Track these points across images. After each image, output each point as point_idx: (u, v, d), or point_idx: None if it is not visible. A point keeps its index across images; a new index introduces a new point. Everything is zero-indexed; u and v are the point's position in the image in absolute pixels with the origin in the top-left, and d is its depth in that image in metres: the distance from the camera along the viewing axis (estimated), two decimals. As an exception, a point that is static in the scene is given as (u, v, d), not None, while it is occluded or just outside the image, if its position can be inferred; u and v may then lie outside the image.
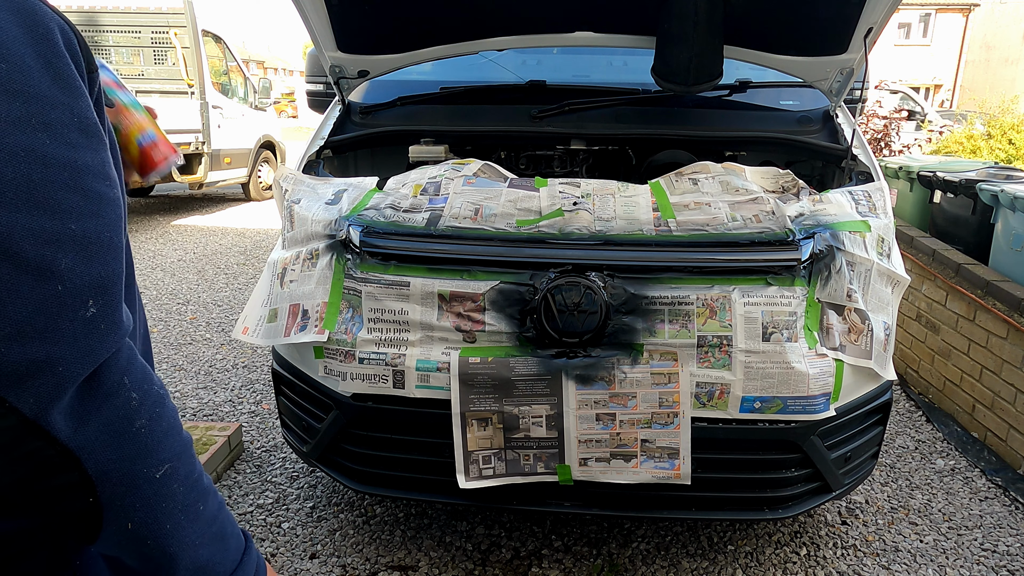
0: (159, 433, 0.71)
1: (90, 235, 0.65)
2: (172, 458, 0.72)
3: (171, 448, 0.72)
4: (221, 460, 2.75)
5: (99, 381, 0.67)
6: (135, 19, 8.52)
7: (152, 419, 0.71)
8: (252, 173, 9.78)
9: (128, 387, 0.69)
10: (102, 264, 0.66)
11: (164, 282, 5.56)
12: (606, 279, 1.79)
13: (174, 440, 0.73)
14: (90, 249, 0.65)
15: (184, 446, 0.74)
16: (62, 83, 0.66)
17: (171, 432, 0.73)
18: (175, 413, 0.75)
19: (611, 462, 1.82)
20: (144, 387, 0.71)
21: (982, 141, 8.88)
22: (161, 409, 0.72)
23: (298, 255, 2.00)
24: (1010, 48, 26.31)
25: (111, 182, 0.70)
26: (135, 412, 0.69)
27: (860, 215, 1.96)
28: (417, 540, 2.36)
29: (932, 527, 2.51)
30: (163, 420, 0.72)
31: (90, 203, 0.66)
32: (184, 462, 0.74)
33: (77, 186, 0.65)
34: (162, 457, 0.71)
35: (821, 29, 2.49)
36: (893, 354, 1.97)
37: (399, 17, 2.56)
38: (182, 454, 0.74)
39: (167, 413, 0.73)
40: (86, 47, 0.72)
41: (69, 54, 0.68)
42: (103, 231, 0.67)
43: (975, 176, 3.91)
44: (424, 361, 1.81)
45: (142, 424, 0.69)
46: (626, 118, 2.74)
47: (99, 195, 0.67)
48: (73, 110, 0.66)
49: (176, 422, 0.75)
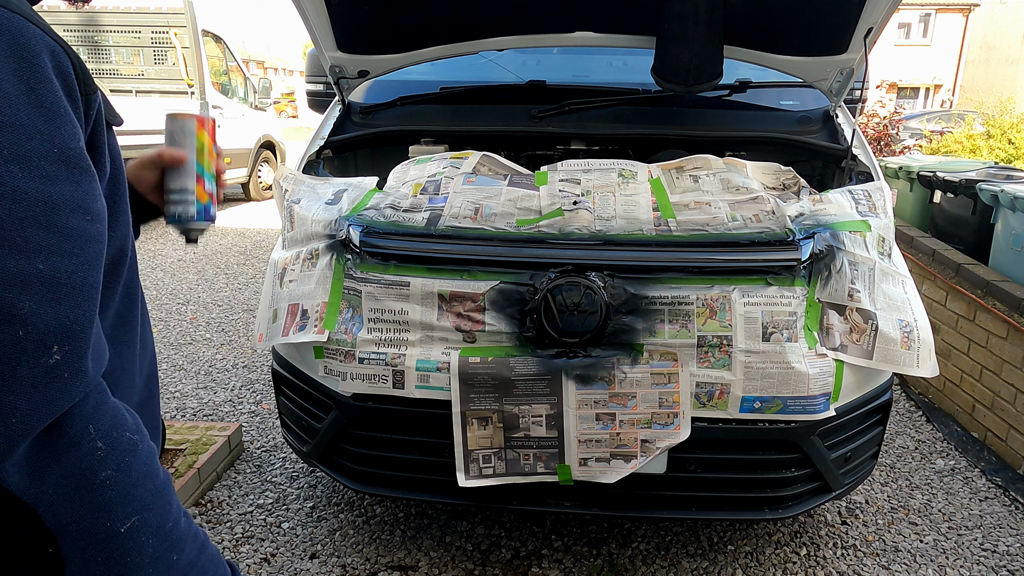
0: (126, 484, 0.66)
1: (60, 276, 0.60)
2: (141, 509, 0.67)
3: (140, 499, 0.67)
4: (221, 460, 2.75)
5: (60, 431, 0.62)
6: (135, 19, 8.52)
7: (120, 469, 0.66)
8: (252, 173, 9.78)
9: (93, 436, 0.64)
10: (72, 307, 0.61)
11: (164, 282, 5.56)
12: (606, 279, 1.79)
13: (144, 489, 0.68)
14: (59, 291, 0.60)
15: (157, 494, 0.69)
16: (43, 111, 0.61)
17: (141, 481, 0.68)
18: (150, 458, 0.70)
19: (611, 462, 1.82)
20: (113, 435, 0.66)
21: (982, 141, 8.88)
22: (131, 458, 0.67)
23: (298, 255, 2.00)
24: (1010, 48, 26.31)
25: (93, 216, 0.65)
26: (100, 463, 0.64)
27: (860, 215, 1.96)
28: (417, 540, 2.36)
29: (932, 527, 2.51)
30: (132, 469, 0.67)
31: (63, 241, 0.61)
32: (156, 512, 0.69)
33: (50, 223, 0.60)
34: (128, 510, 0.66)
35: (821, 29, 2.49)
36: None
37: (399, 17, 2.56)
38: (153, 504, 0.69)
39: (138, 461, 0.68)
40: (83, 69, 0.69)
41: (60, 78, 0.64)
42: (76, 271, 0.62)
43: (975, 176, 3.91)
44: (424, 361, 1.81)
45: (107, 475, 0.65)
46: (626, 118, 2.74)
47: (75, 232, 0.62)
48: (54, 140, 0.61)
49: (150, 468, 0.70)
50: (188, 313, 4.82)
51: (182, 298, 5.15)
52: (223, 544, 2.34)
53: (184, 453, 2.66)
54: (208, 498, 2.60)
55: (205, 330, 4.47)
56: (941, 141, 9.49)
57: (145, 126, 6.07)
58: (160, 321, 4.63)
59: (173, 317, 4.72)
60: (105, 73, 8.72)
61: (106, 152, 0.73)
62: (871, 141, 8.31)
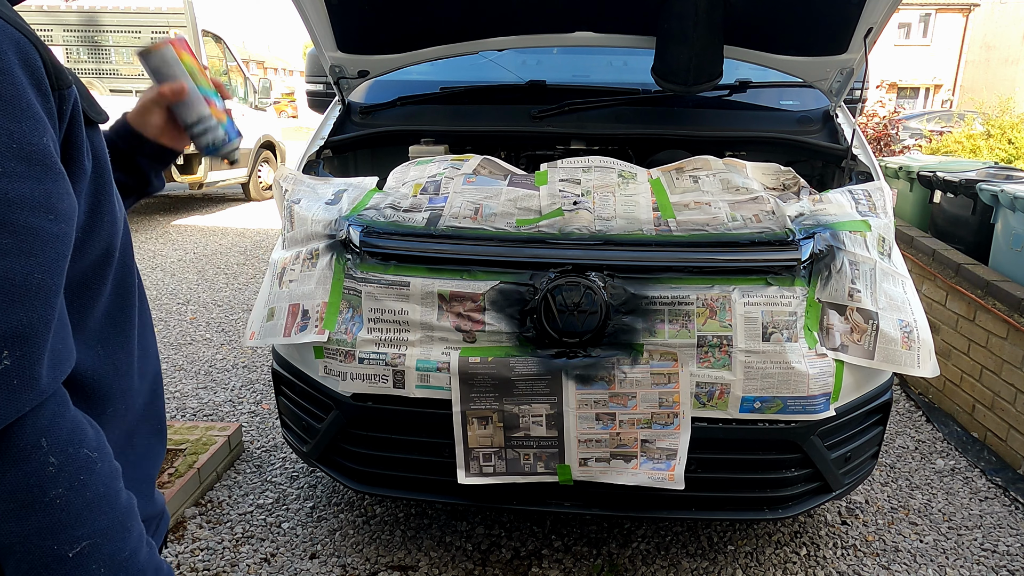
0: (79, 505, 0.62)
1: (14, 277, 0.57)
2: (94, 534, 0.62)
3: (94, 523, 0.63)
4: (221, 460, 2.75)
5: (7, 443, 0.58)
6: (135, 19, 8.52)
7: (72, 488, 0.61)
8: (252, 173, 9.78)
9: (46, 450, 0.60)
10: (26, 311, 0.58)
11: (164, 282, 5.56)
12: (606, 279, 1.79)
13: (100, 513, 0.63)
14: (12, 293, 0.57)
15: (115, 519, 0.65)
16: (2, 105, 0.58)
17: (97, 503, 0.63)
18: (110, 479, 0.65)
19: (611, 462, 1.82)
20: (68, 451, 0.61)
21: (982, 141, 8.88)
22: (87, 476, 0.63)
23: (298, 255, 2.00)
24: (1010, 48, 26.31)
25: (57, 216, 0.62)
26: (50, 480, 0.60)
27: (860, 215, 1.96)
28: (417, 540, 2.36)
29: (932, 527, 2.51)
30: (87, 489, 0.62)
31: (19, 241, 0.58)
32: (111, 538, 0.64)
33: (5, 221, 0.57)
34: (79, 533, 0.61)
35: (821, 29, 2.49)
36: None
37: (399, 17, 2.56)
38: (109, 529, 0.64)
39: (95, 481, 0.63)
40: (53, 63, 0.66)
41: (27, 71, 0.61)
42: (33, 272, 0.59)
43: (975, 176, 3.91)
44: (424, 361, 1.81)
45: (58, 494, 0.60)
46: (626, 118, 2.74)
47: (34, 232, 0.59)
48: (13, 135, 0.59)
49: (109, 489, 0.65)
50: (188, 313, 4.82)
51: (182, 298, 5.15)
52: (223, 544, 2.34)
53: (184, 453, 2.66)
54: (208, 498, 2.60)
55: (205, 330, 4.47)
56: (941, 141, 9.48)
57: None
58: (160, 321, 4.63)
59: (173, 317, 4.72)
60: (105, 73, 8.73)
61: (85, 150, 0.70)
62: (871, 141, 8.31)
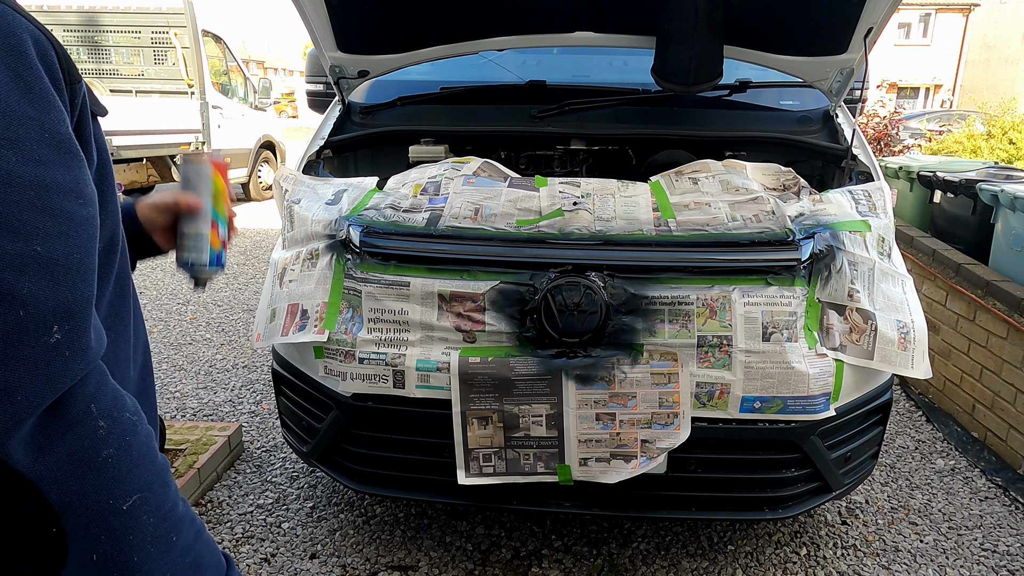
0: (128, 463, 0.68)
1: (57, 257, 0.63)
2: (142, 488, 0.69)
3: (141, 478, 0.69)
4: (221, 460, 2.75)
5: (63, 409, 0.64)
6: (135, 19, 8.53)
7: (121, 448, 0.68)
8: (252, 173, 9.78)
9: (95, 415, 0.66)
10: (69, 288, 0.63)
11: (164, 282, 5.56)
12: (606, 279, 1.79)
13: (145, 469, 0.70)
14: (57, 272, 0.62)
15: (157, 475, 0.71)
16: (32, 97, 0.63)
17: (142, 461, 0.70)
18: (149, 439, 0.72)
19: (611, 462, 1.82)
20: (114, 415, 0.68)
21: (982, 141, 8.88)
22: (132, 437, 0.69)
23: (298, 255, 2.00)
24: (1010, 48, 26.30)
25: (85, 200, 0.67)
26: (102, 441, 0.66)
27: (860, 215, 1.96)
28: (417, 540, 2.36)
29: (932, 527, 2.51)
30: (133, 449, 0.69)
31: (59, 224, 0.63)
32: (156, 492, 0.70)
33: (45, 206, 0.62)
34: (130, 488, 0.68)
35: (821, 29, 2.49)
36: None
37: (399, 17, 2.57)
38: (154, 483, 0.70)
39: (138, 441, 0.70)
40: (66, 58, 0.70)
41: (44, 66, 0.65)
42: (72, 253, 0.64)
43: (975, 176, 3.91)
44: (424, 361, 1.81)
45: (109, 454, 0.67)
46: (626, 118, 2.74)
47: (69, 215, 0.64)
48: (44, 125, 0.63)
49: (149, 449, 0.72)
50: (188, 313, 4.82)
51: (182, 298, 5.15)
52: (223, 544, 2.34)
53: (184, 453, 2.66)
54: (208, 498, 2.60)
55: (205, 330, 4.47)
56: (941, 141, 9.48)
57: (145, 126, 6.09)
58: (160, 321, 4.63)
59: (173, 317, 4.72)
60: (105, 73, 8.73)
61: (92, 141, 0.74)
62: (871, 141, 8.31)
